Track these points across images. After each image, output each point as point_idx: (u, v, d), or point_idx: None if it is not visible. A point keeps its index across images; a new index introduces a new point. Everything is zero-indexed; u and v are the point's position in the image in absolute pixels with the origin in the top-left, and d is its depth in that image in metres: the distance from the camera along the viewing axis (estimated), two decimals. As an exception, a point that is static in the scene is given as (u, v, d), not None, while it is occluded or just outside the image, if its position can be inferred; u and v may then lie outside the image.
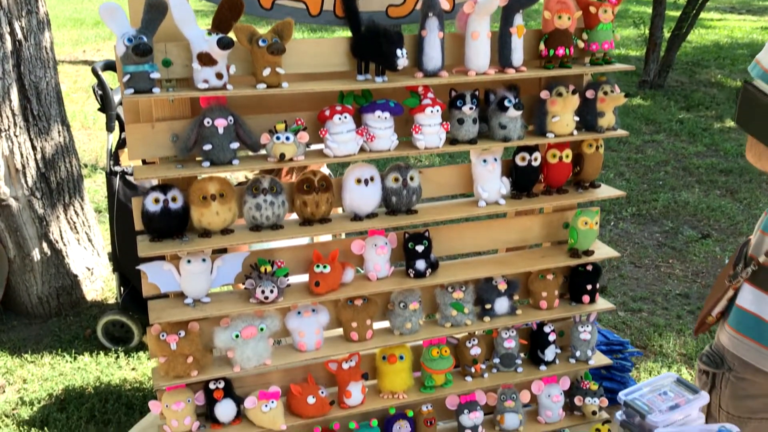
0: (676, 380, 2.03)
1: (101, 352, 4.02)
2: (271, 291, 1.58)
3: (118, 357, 3.99)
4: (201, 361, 1.60)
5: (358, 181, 1.63)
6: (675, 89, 9.42)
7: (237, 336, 1.60)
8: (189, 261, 1.56)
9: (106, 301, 4.55)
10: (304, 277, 1.69)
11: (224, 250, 1.72)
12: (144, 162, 1.70)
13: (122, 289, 4.00)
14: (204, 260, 1.58)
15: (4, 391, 3.74)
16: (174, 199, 1.51)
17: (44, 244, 4.26)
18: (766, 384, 1.94)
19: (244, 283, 1.62)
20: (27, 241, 4.18)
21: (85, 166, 6.51)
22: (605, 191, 1.83)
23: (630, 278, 4.93)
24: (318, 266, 1.65)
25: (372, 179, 1.64)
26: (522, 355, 1.92)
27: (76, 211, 4.44)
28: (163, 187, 1.51)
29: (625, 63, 1.80)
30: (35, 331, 4.27)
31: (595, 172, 1.80)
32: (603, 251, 1.87)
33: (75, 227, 4.44)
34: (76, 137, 5.26)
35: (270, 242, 1.68)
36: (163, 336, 1.56)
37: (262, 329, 1.62)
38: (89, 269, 4.53)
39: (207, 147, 1.47)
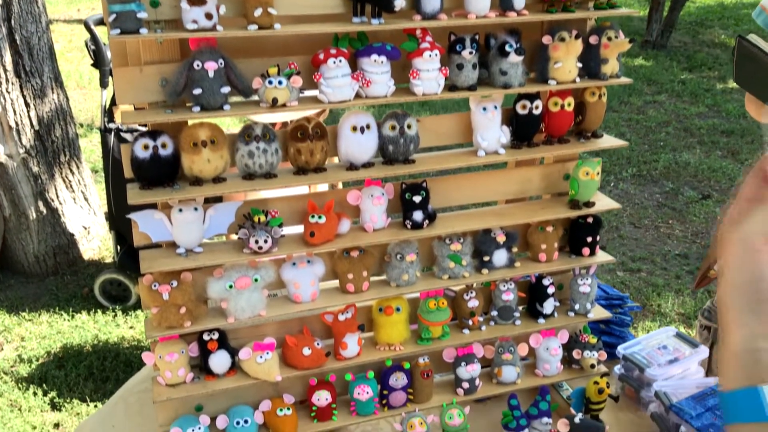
0: (676, 334, 2.02)
1: (99, 310, 4.03)
2: (265, 241, 1.55)
3: (115, 315, 3.99)
4: (194, 312, 1.58)
5: (354, 128, 1.59)
6: (678, 49, 9.30)
7: (231, 286, 1.57)
8: (180, 210, 1.53)
9: (103, 260, 4.55)
10: (300, 229, 1.66)
11: (220, 200, 1.69)
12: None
13: (119, 247, 3.99)
14: (196, 209, 1.54)
15: (2, 349, 3.75)
16: (164, 146, 1.46)
17: (40, 203, 4.23)
18: None
19: (237, 233, 1.59)
20: (22, 200, 4.16)
21: (81, 125, 6.46)
22: (607, 141, 1.79)
23: (629, 238, 4.92)
24: (313, 216, 1.61)
25: (368, 127, 1.60)
26: (520, 308, 1.90)
27: (71, 170, 4.40)
28: (153, 133, 1.47)
29: (627, 22, 1.74)
30: (32, 290, 4.27)
31: (598, 121, 1.76)
32: (604, 203, 1.83)
33: (71, 186, 4.41)
34: (71, 97, 5.19)
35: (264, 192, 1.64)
36: (155, 286, 1.53)
37: (256, 280, 1.59)
38: (86, 228, 4.51)
39: (197, 91, 1.42)
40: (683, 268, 4.58)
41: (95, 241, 4.63)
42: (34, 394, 3.40)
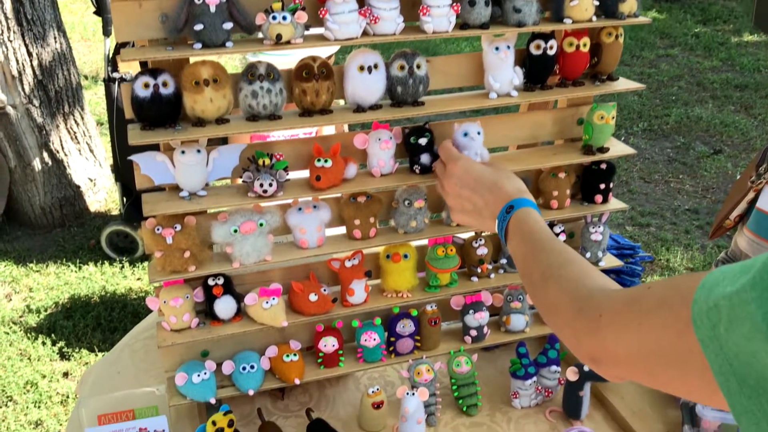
0: (688, 284, 1.98)
1: (106, 262, 4.03)
2: (270, 184, 1.51)
3: (123, 267, 4.00)
4: (199, 256, 1.55)
5: (361, 68, 1.53)
6: (692, 2, 9.09)
7: (235, 231, 1.54)
8: (183, 152, 1.49)
9: (109, 212, 4.54)
10: (305, 174, 1.62)
11: (225, 143, 1.65)
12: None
13: (125, 199, 3.97)
14: (199, 151, 1.50)
15: (11, 299, 3.76)
16: (165, 84, 1.42)
17: (45, 154, 4.20)
18: (782, 287, 1.90)
19: (241, 177, 1.55)
20: (27, 151, 4.13)
21: (86, 77, 6.39)
22: (623, 84, 1.73)
23: (639, 193, 4.86)
24: (319, 160, 1.57)
25: (376, 66, 1.54)
26: (530, 256, 1.86)
27: (76, 121, 4.36)
28: (153, 71, 1.42)
29: (643, -28, 1.66)
30: (39, 242, 4.27)
31: (614, 63, 1.70)
32: (618, 148, 1.78)
33: (75, 137, 4.37)
34: (75, 49, 5.12)
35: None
36: (158, 230, 1.50)
37: (261, 224, 1.56)
38: (91, 180, 4.49)
39: (198, 27, 1.37)
40: (693, 223, 4.53)
41: (101, 193, 4.61)
42: (43, 343, 3.42)
